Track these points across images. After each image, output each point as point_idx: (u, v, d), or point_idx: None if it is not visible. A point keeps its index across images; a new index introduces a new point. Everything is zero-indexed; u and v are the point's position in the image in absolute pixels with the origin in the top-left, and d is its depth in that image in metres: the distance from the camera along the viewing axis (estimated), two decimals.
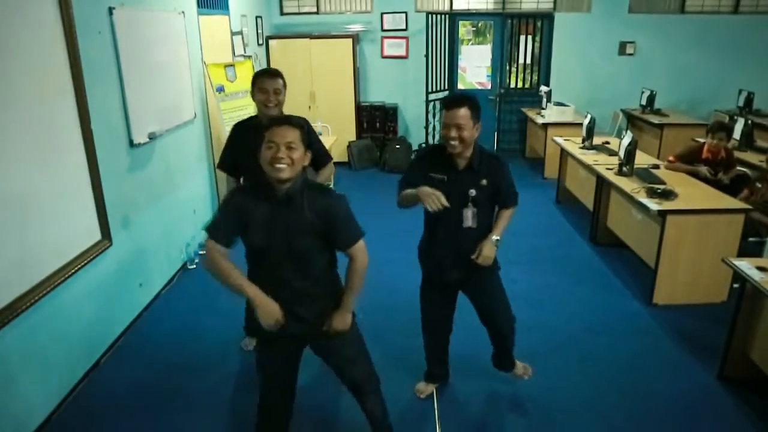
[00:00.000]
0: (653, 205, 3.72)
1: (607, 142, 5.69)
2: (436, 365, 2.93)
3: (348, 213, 2.09)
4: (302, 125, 2.03)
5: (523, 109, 7.89)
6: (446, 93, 7.76)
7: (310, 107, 7.34)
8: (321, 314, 2.15)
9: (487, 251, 2.48)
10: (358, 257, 2.10)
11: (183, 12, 4.51)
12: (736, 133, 5.44)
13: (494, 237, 2.51)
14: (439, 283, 2.67)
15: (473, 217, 2.47)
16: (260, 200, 2.01)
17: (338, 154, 7.06)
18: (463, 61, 8.41)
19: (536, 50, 7.97)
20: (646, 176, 4.31)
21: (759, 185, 4.40)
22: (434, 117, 7.64)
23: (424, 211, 2.43)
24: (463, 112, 2.33)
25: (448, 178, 2.45)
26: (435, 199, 2.27)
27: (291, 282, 2.07)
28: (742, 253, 3.52)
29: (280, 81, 2.89)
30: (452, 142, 2.36)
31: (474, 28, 8.90)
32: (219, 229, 2.06)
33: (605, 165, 4.78)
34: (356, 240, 2.09)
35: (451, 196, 2.38)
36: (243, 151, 2.89)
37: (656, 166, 4.70)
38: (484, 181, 2.46)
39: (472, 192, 2.44)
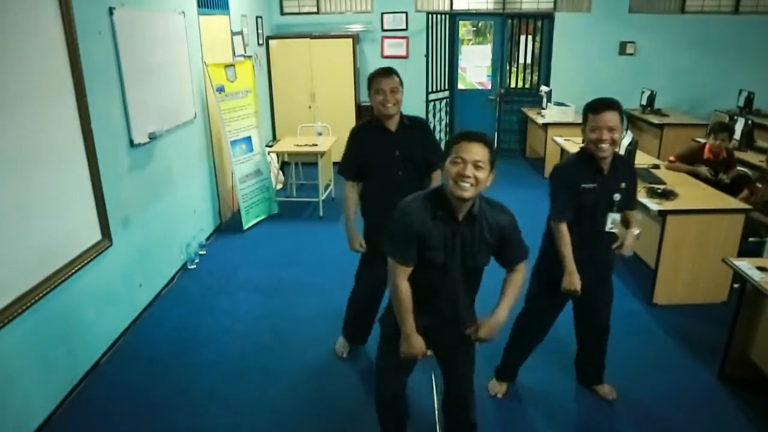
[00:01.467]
0: (653, 205, 3.72)
1: None
2: (517, 366, 2.95)
3: (518, 230, 2.09)
4: (491, 143, 1.95)
5: (524, 109, 7.89)
6: (446, 93, 7.78)
7: (310, 107, 7.35)
8: (462, 324, 2.16)
9: (630, 241, 2.53)
10: (522, 269, 2.14)
11: (183, 12, 4.51)
12: (737, 134, 5.44)
13: (636, 231, 2.52)
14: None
15: (614, 222, 2.48)
16: (436, 218, 1.96)
17: (338, 154, 7.05)
18: (463, 61, 8.41)
19: (536, 50, 7.96)
20: (647, 176, 4.31)
21: (759, 185, 4.40)
22: (434, 117, 7.64)
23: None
24: (614, 115, 2.36)
25: (598, 186, 2.45)
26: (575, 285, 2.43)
27: (458, 296, 2.09)
28: (742, 253, 3.52)
29: (396, 79, 2.83)
30: (603, 145, 2.36)
31: (474, 28, 8.91)
32: (401, 249, 1.98)
33: None
34: (525, 257, 2.12)
35: (600, 203, 2.44)
36: (368, 155, 2.88)
37: (656, 166, 4.71)
38: (623, 185, 2.48)
39: (617, 196, 2.45)
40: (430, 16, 7.19)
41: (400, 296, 2.02)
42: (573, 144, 5.71)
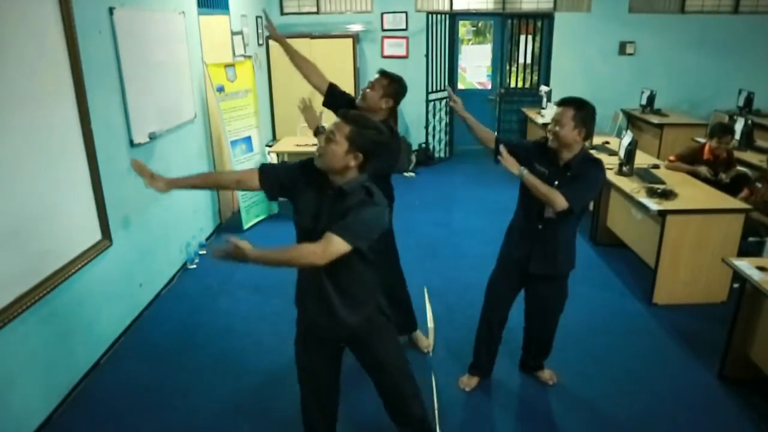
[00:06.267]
0: (653, 205, 3.72)
1: (607, 142, 5.70)
2: (485, 357, 2.98)
3: (364, 216, 1.88)
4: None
5: (524, 109, 7.89)
6: (446, 93, 7.77)
7: None
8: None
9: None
10: (320, 247, 1.82)
11: (183, 12, 4.51)
12: (736, 134, 5.44)
13: (523, 170, 2.53)
14: (517, 271, 2.74)
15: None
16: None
17: None
18: (463, 61, 8.42)
19: (536, 50, 7.97)
20: (646, 176, 4.31)
21: (759, 185, 4.40)
22: (434, 117, 7.65)
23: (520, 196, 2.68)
24: (564, 111, 2.49)
25: (548, 173, 2.56)
26: None
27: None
28: (742, 253, 3.52)
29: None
30: (549, 135, 2.54)
31: (474, 28, 8.92)
32: (272, 170, 2.13)
33: (605, 165, 4.76)
34: (338, 233, 1.83)
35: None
36: None
37: (656, 166, 4.70)
38: (569, 174, 2.57)
39: (556, 183, 2.54)
40: (430, 15, 7.19)
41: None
42: None
